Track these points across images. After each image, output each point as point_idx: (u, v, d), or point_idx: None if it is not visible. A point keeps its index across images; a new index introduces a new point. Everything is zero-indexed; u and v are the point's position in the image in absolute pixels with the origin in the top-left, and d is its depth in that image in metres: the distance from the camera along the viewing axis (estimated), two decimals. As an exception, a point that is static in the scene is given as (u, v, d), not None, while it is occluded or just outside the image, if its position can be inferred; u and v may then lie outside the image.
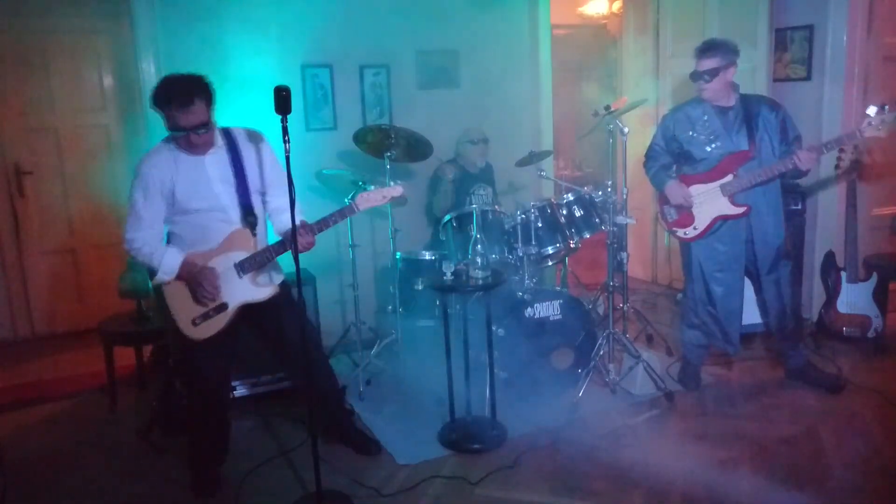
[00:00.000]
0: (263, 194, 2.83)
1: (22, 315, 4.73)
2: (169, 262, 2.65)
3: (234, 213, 2.72)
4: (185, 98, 2.52)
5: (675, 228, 3.53)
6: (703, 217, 3.43)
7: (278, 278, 2.87)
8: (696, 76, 3.30)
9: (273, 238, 2.85)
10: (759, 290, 3.55)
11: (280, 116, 2.39)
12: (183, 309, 2.69)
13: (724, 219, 3.40)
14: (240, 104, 3.70)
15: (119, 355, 3.68)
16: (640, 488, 2.77)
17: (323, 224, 2.73)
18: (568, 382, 3.57)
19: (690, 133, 3.40)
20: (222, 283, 2.69)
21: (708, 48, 3.27)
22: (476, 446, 3.12)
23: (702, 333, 3.60)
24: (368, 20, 4.37)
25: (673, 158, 3.52)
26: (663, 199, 3.54)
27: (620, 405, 3.48)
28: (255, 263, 2.71)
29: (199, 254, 2.70)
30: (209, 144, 2.69)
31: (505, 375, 3.50)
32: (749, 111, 3.34)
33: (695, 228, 3.46)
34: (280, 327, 2.85)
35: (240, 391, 3.56)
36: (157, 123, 3.71)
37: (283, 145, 2.39)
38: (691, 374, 3.67)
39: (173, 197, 2.65)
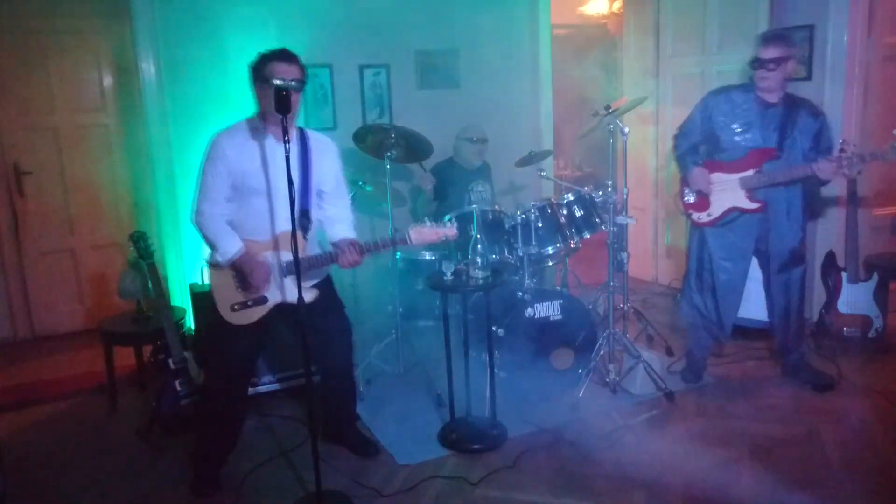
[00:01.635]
0: (321, 199, 2.86)
1: (22, 315, 4.73)
2: (228, 249, 2.69)
3: (286, 209, 2.67)
4: (288, 54, 2.65)
5: (690, 211, 3.55)
6: (718, 205, 3.44)
7: (319, 277, 2.89)
8: (759, 63, 3.24)
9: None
10: (767, 288, 3.57)
11: (280, 116, 2.39)
12: (225, 292, 2.73)
13: (738, 211, 3.41)
14: (240, 104, 3.69)
15: (119, 355, 3.69)
16: (640, 488, 2.76)
17: (374, 247, 2.76)
18: (568, 382, 3.57)
19: (727, 118, 3.38)
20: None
21: (775, 36, 3.26)
22: (476, 446, 3.11)
23: (698, 314, 3.63)
24: (368, 20, 4.38)
25: (704, 139, 3.49)
26: (685, 182, 3.55)
27: (620, 405, 3.48)
28: (303, 266, 2.69)
29: (252, 243, 2.73)
30: (291, 124, 2.69)
31: (505, 375, 3.50)
32: (789, 111, 3.32)
33: (709, 215, 3.48)
34: (315, 327, 2.84)
35: (240, 391, 3.56)
36: (157, 123, 3.69)
37: (283, 145, 2.40)
38: (694, 367, 3.69)
39: (239, 175, 2.69)
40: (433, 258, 3.91)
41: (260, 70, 2.65)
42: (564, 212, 3.78)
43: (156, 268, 3.41)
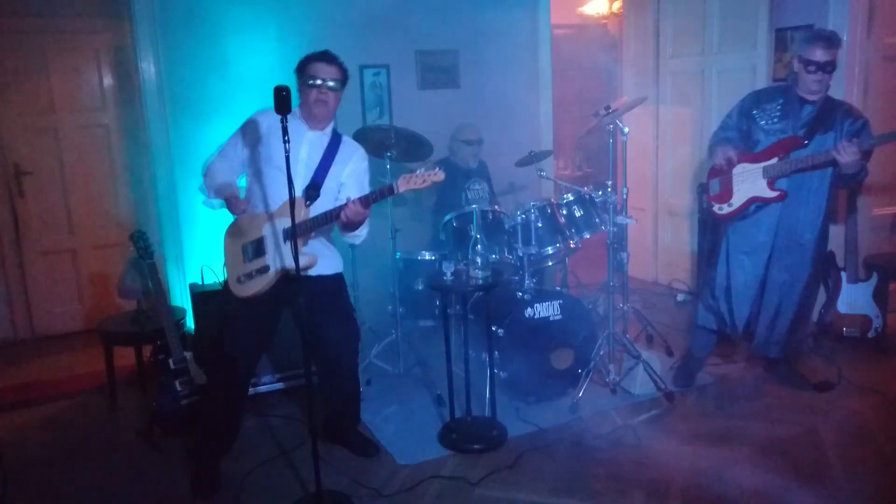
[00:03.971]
0: (340, 192, 2.93)
1: (22, 315, 4.73)
2: (222, 187, 2.86)
3: (300, 186, 2.81)
4: (328, 56, 2.85)
5: (713, 202, 3.51)
6: (739, 195, 3.40)
7: (327, 268, 2.93)
8: (816, 66, 3.16)
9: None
10: (762, 283, 3.46)
11: (280, 116, 2.40)
12: (233, 266, 2.89)
13: (759, 201, 3.36)
14: (240, 104, 3.69)
15: (119, 355, 3.69)
16: (640, 488, 2.77)
17: (372, 199, 2.76)
18: (568, 382, 3.57)
19: (760, 111, 3.36)
20: (269, 247, 2.80)
21: (834, 38, 3.18)
22: (476, 446, 3.12)
23: (714, 318, 3.57)
24: (368, 20, 4.37)
25: (740, 136, 3.46)
26: (713, 173, 3.52)
27: (620, 405, 3.48)
28: (301, 230, 2.71)
29: (258, 214, 2.83)
30: (326, 120, 2.91)
31: (505, 375, 3.50)
32: (825, 112, 3.26)
33: (730, 205, 3.43)
34: (319, 320, 2.88)
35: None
36: (157, 123, 3.71)
37: (283, 145, 2.41)
38: (688, 370, 3.66)
39: (264, 147, 2.84)
40: (433, 258, 3.91)
41: (301, 69, 2.86)
42: (564, 212, 3.78)
43: (156, 268, 3.41)
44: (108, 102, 4.73)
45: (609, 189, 3.72)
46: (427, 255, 3.95)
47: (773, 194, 3.32)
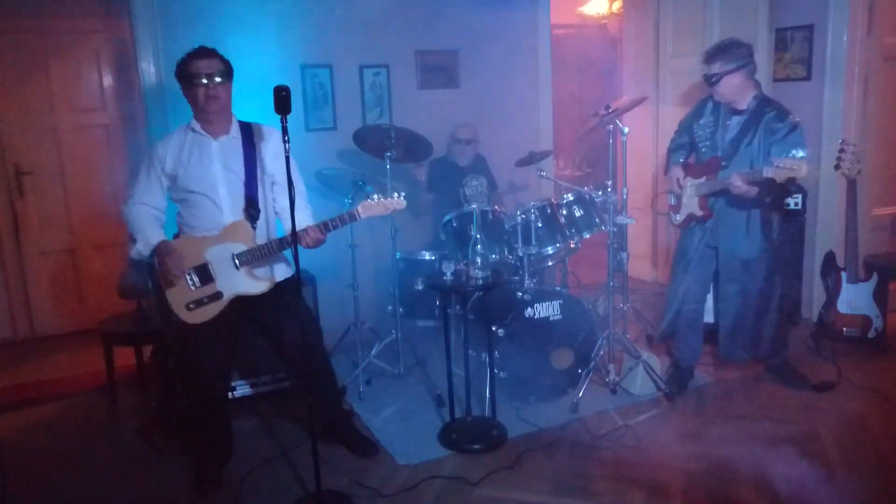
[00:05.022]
0: (274, 192, 2.86)
1: (22, 315, 4.73)
2: (150, 238, 2.73)
3: (236, 203, 2.75)
4: (206, 50, 2.72)
5: (671, 211, 3.61)
6: (684, 210, 3.50)
7: (281, 275, 2.87)
8: (704, 79, 3.28)
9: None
10: (716, 294, 3.59)
11: (280, 116, 2.40)
12: (178, 293, 2.74)
13: (693, 219, 3.44)
14: (240, 104, 3.68)
15: (119, 355, 3.68)
16: (640, 488, 2.77)
17: (332, 225, 2.75)
18: (568, 382, 3.57)
19: (698, 126, 3.43)
20: (219, 273, 2.73)
21: (715, 51, 3.21)
22: (476, 446, 3.12)
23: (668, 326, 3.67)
24: (368, 20, 4.38)
25: (689, 141, 3.53)
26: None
27: (620, 405, 3.48)
28: (253, 257, 2.73)
29: (198, 238, 2.75)
30: (223, 123, 2.78)
31: (505, 375, 3.50)
32: (755, 118, 3.23)
33: (678, 218, 3.54)
34: (279, 326, 2.86)
35: (240, 391, 3.57)
36: (156, 123, 3.70)
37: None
38: (680, 379, 3.64)
39: (175, 176, 2.74)
40: (433, 258, 3.91)
41: (181, 72, 2.71)
42: (564, 212, 3.78)
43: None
44: (108, 102, 4.74)
45: (609, 189, 3.72)
46: (427, 255, 3.95)
47: (701, 213, 3.39)
